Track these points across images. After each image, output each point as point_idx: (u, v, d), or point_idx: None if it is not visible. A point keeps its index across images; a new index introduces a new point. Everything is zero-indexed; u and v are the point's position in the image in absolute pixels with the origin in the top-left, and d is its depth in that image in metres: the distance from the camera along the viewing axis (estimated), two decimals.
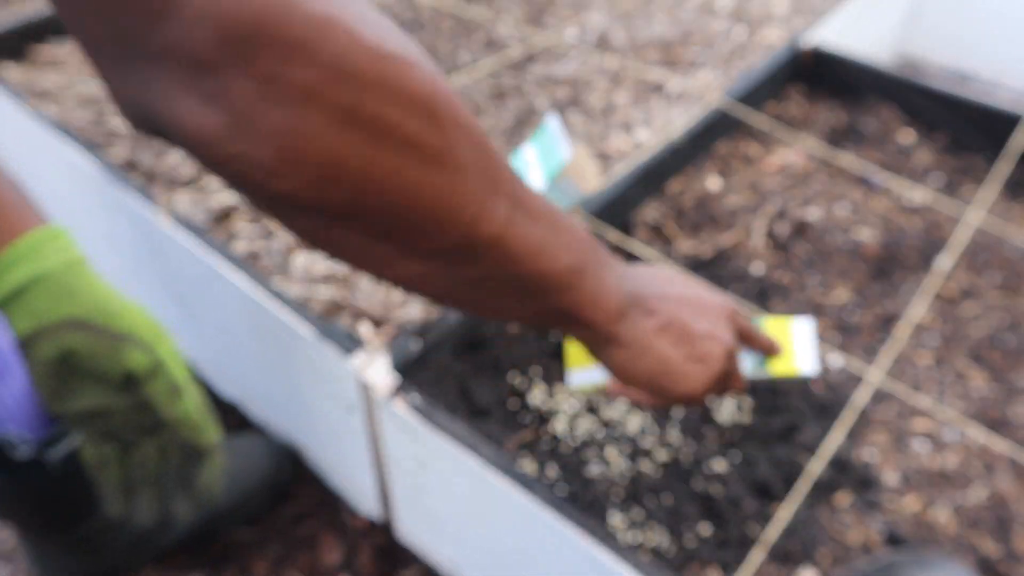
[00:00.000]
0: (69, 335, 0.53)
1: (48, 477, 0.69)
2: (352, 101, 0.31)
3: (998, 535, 0.79)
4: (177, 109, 0.30)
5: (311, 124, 0.31)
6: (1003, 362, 0.95)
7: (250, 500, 0.92)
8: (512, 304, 0.44)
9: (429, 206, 0.35)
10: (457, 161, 0.36)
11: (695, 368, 0.54)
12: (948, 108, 1.26)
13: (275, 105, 0.30)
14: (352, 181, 0.33)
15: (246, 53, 0.29)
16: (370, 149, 0.32)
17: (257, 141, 0.30)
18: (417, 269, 0.39)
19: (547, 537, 0.67)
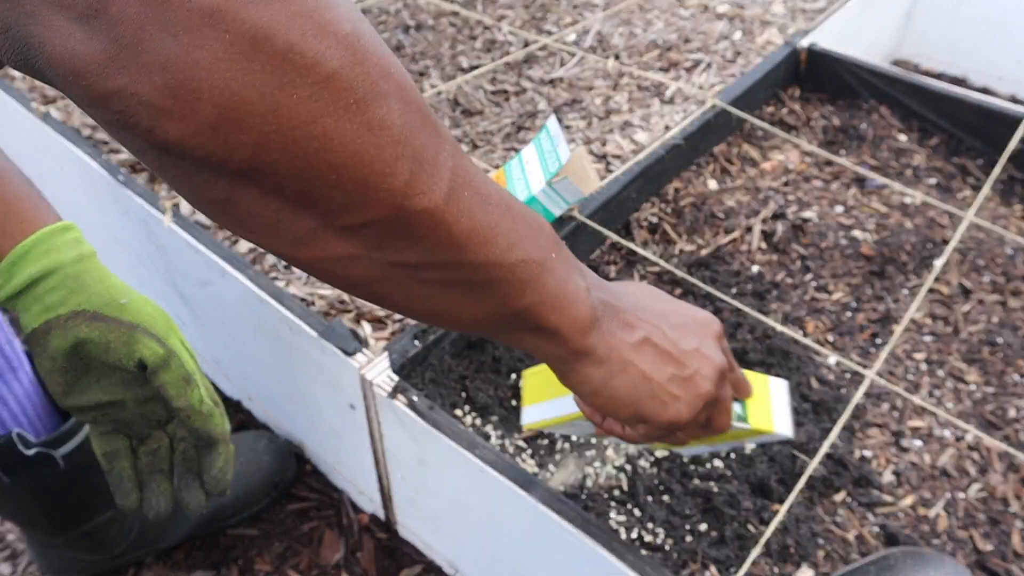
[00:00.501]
0: (81, 326, 0.53)
1: (55, 474, 0.70)
2: (261, 28, 0.27)
3: (993, 533, 0.80)
4: (46, 30, 0.25)
5: (210, 53, 0.26)
6: (998, 361, 0.96)
7: (253, 498, 0.93)
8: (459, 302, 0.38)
9: (351, 166, 0.30)
10: (384, 115, 0.31)
11: (683, 391, 0.46)
12: (943, 110, 1.27)
13: (167, 29, 0.25)
14: (257, 126, 0.28)
15: None
16: (280, 88, 0.28)
17: (143, 74, 0.26)
18: (340, 249, 0.33)
19: (547, 536, 0.67)
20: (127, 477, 0.60)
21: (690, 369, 0.46)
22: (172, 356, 0.56)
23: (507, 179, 0.92)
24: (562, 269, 0.41)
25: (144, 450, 0.60)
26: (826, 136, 1.30)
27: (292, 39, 0.27)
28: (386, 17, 1.50)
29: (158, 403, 0.58)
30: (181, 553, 0.92)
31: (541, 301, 0.40)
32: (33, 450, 0.66)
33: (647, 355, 0.45)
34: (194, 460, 0.61)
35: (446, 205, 0.34)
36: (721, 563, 0.75)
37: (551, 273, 0.40)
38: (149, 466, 0.60)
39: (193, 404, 0.57)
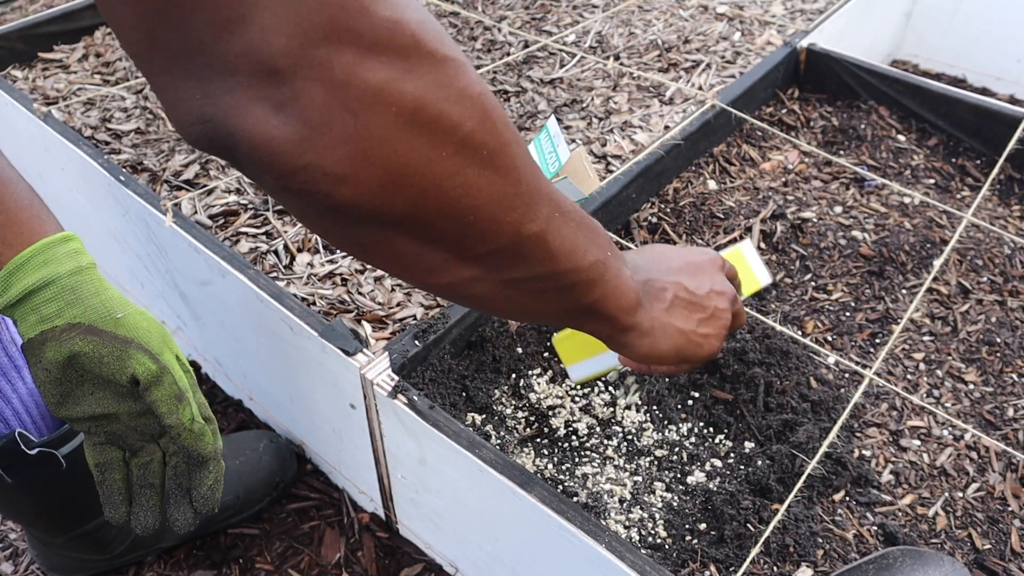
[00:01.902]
0: (75, 339, 0.53)
1: (57, 474, 0.70)
2: (418, 99, 0.32)
3: (991, 532, 0.80)
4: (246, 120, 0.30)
5: (380, 127, 0.31)
6: (996, 361, 0.96)
7: (253, 497, 0.93)
8: (547, 303, 0.46)
9: (484, 207, 0.37)
10: (508, 160, 0.37)
11: (710, 328, 0.58)
12: (942, 111, 1.27)
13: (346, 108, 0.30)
14: (416, 184, 0.33)
15: (320, 59, 0.29)
16: (433, 150, 0.33)
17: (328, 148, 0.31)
18: (466, 274, 0.40)
19: (546, 535, 0.67)
20: (117, 490, 0.60)
21: (711, 308, 0.58)
22: (165, 373, 0.56)
23: None
24: (615, 263, 0.49)
25: (136, 462, 0.60)
26: (825, 136, 1.30)
27: (441, 106, 0.33)
28: None
29: (151, 417, 0.58)
30: (182, 552, 0.92)
31: (604, 294, 0.48)
32: (35, 450, 0.67)
33: (678, 312, 0.56)
34: (185, 476, 0.61)
35: (547, 227, 0.41)
36: (721, 562, 0.75)
37: (610, 269, 0.48)
38: (140, 479, 0.60)
39: (184, 422, 0.57)
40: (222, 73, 0.29)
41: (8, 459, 0.66)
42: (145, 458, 0.60)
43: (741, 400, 0.89)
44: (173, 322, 1.13)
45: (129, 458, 0.60)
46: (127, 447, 0.60)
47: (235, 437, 0.98)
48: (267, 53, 0.29)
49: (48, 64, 1.30)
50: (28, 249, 0.54)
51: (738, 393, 0.89)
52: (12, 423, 0.67)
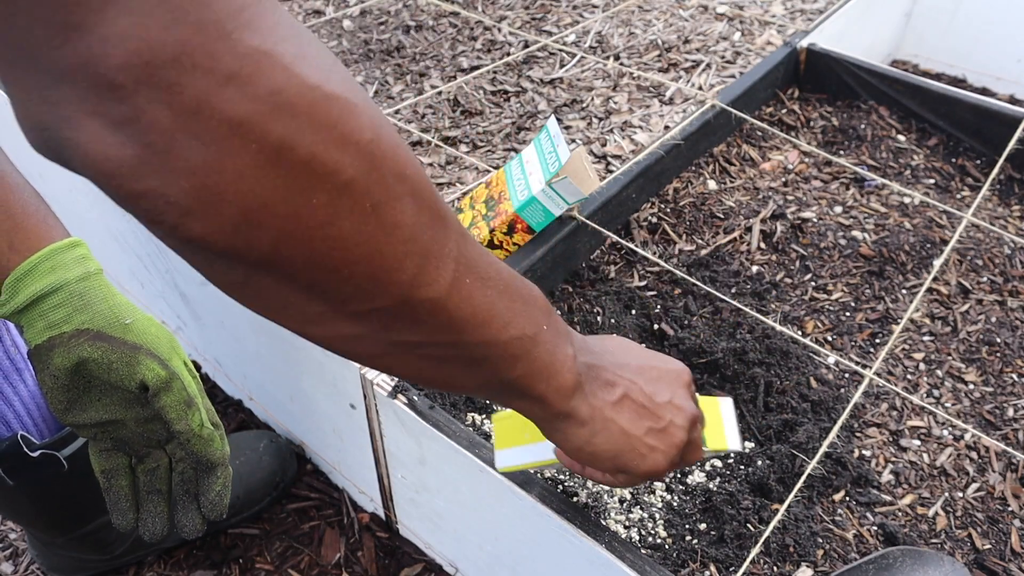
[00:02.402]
0: (84, 345, 0.53)
1: (59, 476, 0.70)
2: (285, 139, 0.28)
3: (991, 532, 0.80)
4: (81, 134, 0.27)
5: (236, 161, 0.28)
6: (996, 361, 0.96)
7: (253, 497, 0.93)
8: (454, 374, 0.41)
9: (363, 262, 0.32)
10: (397, 216, 0.33)
11: (659, 442, 0.51)
12: (942, 111, 1.27)
13: (195, 138, 0.27)
14: (278, 228, 0.30)
15: (168, 79, 0.26)
16: (301, 194, 0.29)
17: (171, 176, 0.27)
18: (348, 330, 0.36)
19: (546, 535, 0.68)
20: (124, 496, 0.59)
21: (665, 421, 0.51)
22: (174, 379, 0.56)
23: (507, 179, 0.93)
24: (551, 339, 0.44)
25: (143, 469, 0.60)
26: (825, 136, 1.30)
27: (315, 150, 0.29)
28: (386, 18, 1.50)
29: (159, 423, 0.58)
30: (182, 552, 0.92)
31: (530, 372, 0.43)
32: (38, 452, 0.67)
33: (626, 411, 0.49)
34: (192, 482, 0.60)
35: (448, 294, 0.36)
36: (720, 562, 0.75)
37: (541, 345, 0.43)
38: (147, 486, 0.60)
39: (193, 428, 0.57)
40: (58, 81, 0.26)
41: (10, 461, 0.66)
42: (152, 464, 0.60)
43: (741, 400, 0.89)
44: (173, 322, 1.13)
45: (135, 464, 0.60)
46: (133, 453, 0.59)
47: (235, 437, 0.98)
48: (106, 66, 0.26)
49: None
50: (35, 255, 0.53)
51: (738, 393, 0.89)
52: (14, 425, 0.67)
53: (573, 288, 0.98)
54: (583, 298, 0.96)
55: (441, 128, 1.19)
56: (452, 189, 1.06)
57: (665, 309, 0.98)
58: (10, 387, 0.66)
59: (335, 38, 1.43)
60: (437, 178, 1.08)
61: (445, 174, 1.09)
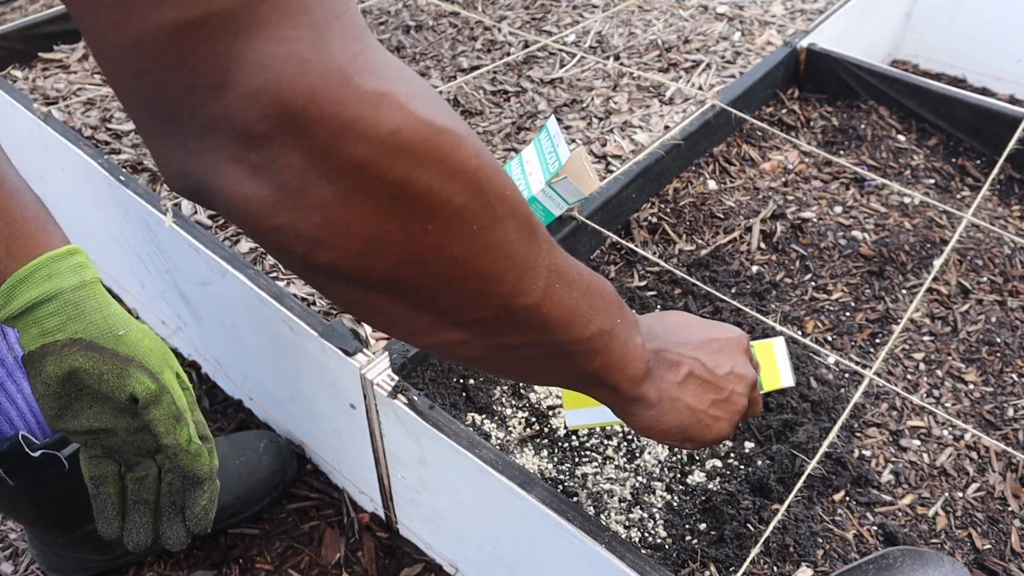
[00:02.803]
0: (76, 355, 0.53)
1: (59, 476, 0.71)
2: (404, 176, 0.31)
3: (991, 532, 0.80)
4: (223, 179, 0.30)
5: (361, 198, 0.31)
6: (996, 361, 0.96)
7: (253, 497, 0.93)
8: (542, 369, 0.45)
9: (472, 278, 0.36)
10: (500, 235, 0.36)
11: (722, 411, 0.54)
12: (942, 111, 1.27)
13: (324, 178, 0.30)
14: (397, 254, 0.33)
15: (299, 127, 0.29)
16: (418, 223, 0.33)
17: (303, 213, 0.31)
18: (453, 337, 0.39)
19: (546, 535, 0.68)
20: (111, 505, 0.60)
21: (727, 391, 0.55)
22: (164, 393, 0.56)
23: None
24: (624, 331, 0.47)
25: (131, 477, 0.60)
26: (825, 136, 1.30)
27: (431, 182, 0.32)
28: (386, 18, 1.50)
29: (148, 434, 0.58)
30: (182, 552, 0.92)
31: (607, 363, 0.46)
32: (38, 452, 0.67)
33: (691, 388, 0.53)
34: (179, 494, 0.60)
35: (542, 300, 0.40)
36: (720, 562, 0.75)
37: (616, 338, 0.46)
38: (134, 494, 0.60)
39: (181, 443, 0.57)
40: (201, 134, 0.29)
41: (11, 462, 0.67)
42: (140, 473, 0.60)
43: None
44: (173, 322, 1.13)
45: (125, 472, 0.60)
46: (123, 461, 0.59)
47: (235, 437, 0.98)
48: (245, 119, 0.29)
49: (48, 64, 1.30)
50: (33, 262, 0.53)
51: None
52: (16, 423, 0.67)
53: None
54: None
55: None
56: None
57: (665, 309, 0.98)
58: (13, 384, 0.66)
59: None
60: None
61: None
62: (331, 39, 0.29)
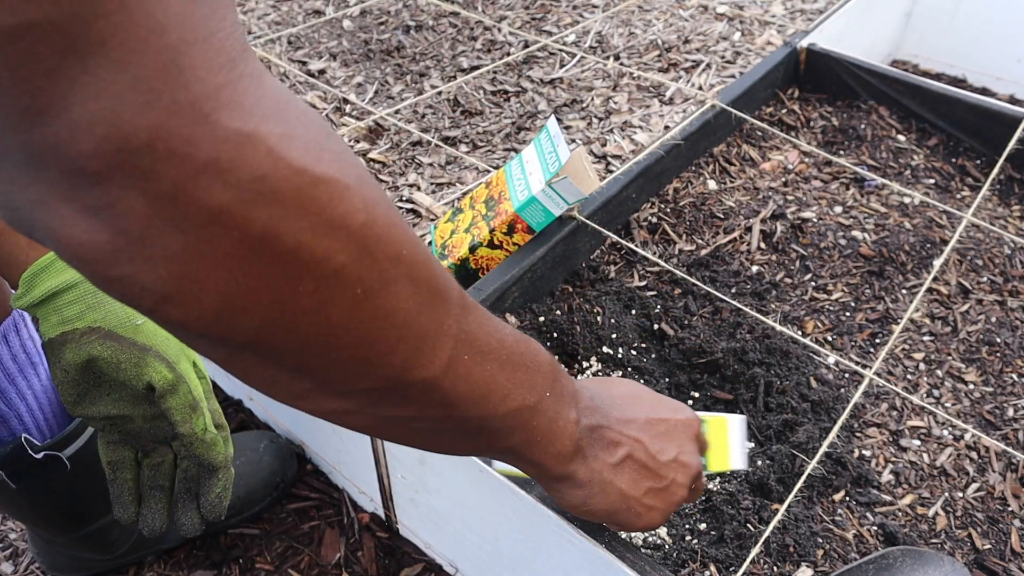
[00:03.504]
0: (95, 344, 0.54)
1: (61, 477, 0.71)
2: (269, 228, 0.27)
3: (991, 532, 0.80)
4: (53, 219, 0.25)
5: (216, 249, 0.26)
6: (996, 361, 0.96)
7: (253, 498, 0.93)
8: (447, 443, 0.40)
9: (352, 348, 0.31)
10: (391, 301, 0.31)
11: (658, 500, 0.50)
12: (942, 111, 1.27)
13: (173, 226, 0.25)
14: (261, 315, 0.28)
15: (141, 167, 0.24)
16: (287, 281, 0.28)
17: (147, 264, 0.26)
18: (335, 406, 0.35)
19: (546, 535, 0.68)
20: (128, 490, 0.60)
21: (667, 480, 0.50)
22: (180, 382, 0.56)
23: (507, 179, 0.93)
24: (553, 407, 0.43)
25: (148, 463, 0.60)
26: (825, 136, 1.30)
27: (302, 237, 0.27)
28: (386, 18, 1.50)
29: (165, 422, 0.58)
30: (182, 553, 0.92)
31: (527, 440, 0.42)
32: (41, 453, 0.67)
33: (627, 473, 0.49)
34: (195, 480, 0.61)
35: (444, 374, 0.35)
36: (720, 562, 0.75)
37: (541, 414, 0.42)
38: (151, 480, 0.60)
39: (196, 432, 0.58)
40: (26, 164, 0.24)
41: (13, 465, 0.67)
42: (157, 459, 0.60)
43: (741, 400, 0.89)
44: None
45: (141, 458, 0.61)
46: (140, 447, 0.60)
47: (235, 437, 0.98)
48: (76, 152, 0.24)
49: None
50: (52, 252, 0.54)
51: (738, 393, 0.89)
52: (26, 419, 0.67)
53: (573, 288, 0.98)
54: (583, 298, 0.96)
55: (441, 128, 1.19)
56: (452, 189, 1.06)
57: (665, 309, 0.98)
58: (24, 381, 0.67)
59: (335, 38, 1.43)
60: (437, 178, 1.08)
61: (445, 174, 1.09)
62: (190, 67, 0.25)
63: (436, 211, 1.01)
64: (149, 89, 0.24)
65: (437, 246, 0.93)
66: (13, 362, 0.66)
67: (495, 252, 0.89)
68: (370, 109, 1.22)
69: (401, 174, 1.08)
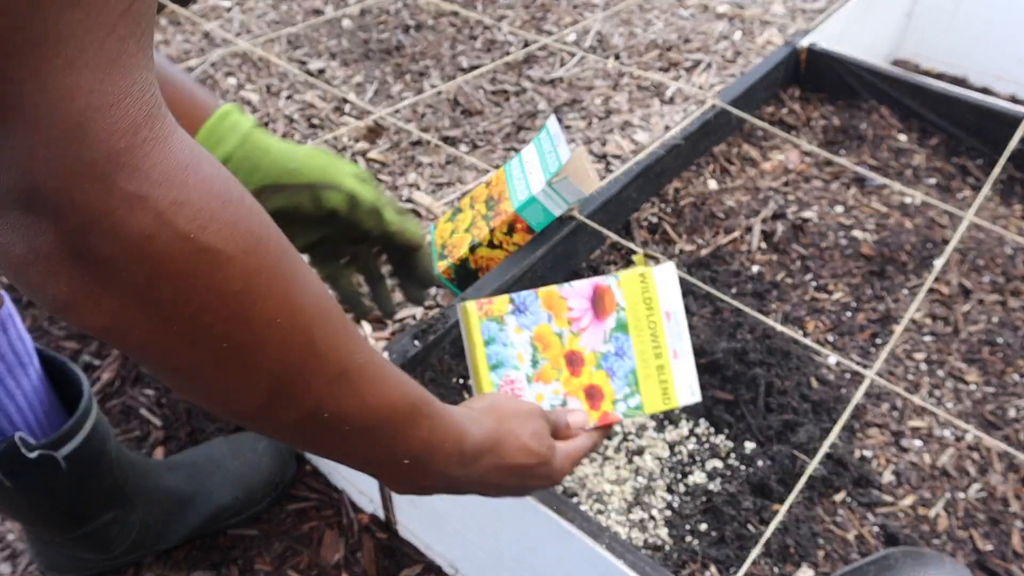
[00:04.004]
0: (271, 199, 0.60)
1: (57, 476, 0.70)
2: (150, 282, 0.30)
3: (993, 532, 0.80)
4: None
5: (107, 288, 0.30)
6: (998, 361, 0.96)
7: (253, 498, 0.93)
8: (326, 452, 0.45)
9: (219, 391, 0.36)
10: (255, 359, 0.35)
11: (532, 482, 0.55)
12: (943, 110, 1.27)
13: (75, 257, 0.29)
14: (143, 339, 0.32)
15: (50, 208, 0.28)
16: (162, 324, 0.32)
17: (52, 279, 0.30)
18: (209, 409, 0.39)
19: (546, 535, 0.67)
20: (351, 292, 0.71)
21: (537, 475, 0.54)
22: (354, 196, 0.64)
23: (507, 179, 0.92)
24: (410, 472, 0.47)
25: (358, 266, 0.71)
26: (826, 136, 1.30)
27: (177, 295, 0.32)
28: (386, 17, 1.50)
29: (357, 230, 0.66)
30: (181, 553, 0.92)
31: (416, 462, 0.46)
32: (35, 452, 0.66)
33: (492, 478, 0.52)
34: (403, 263, 0.72)
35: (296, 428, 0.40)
36: (721, 563, 0.75)
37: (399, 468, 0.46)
38: (368, 276, 0.71)
39: (387, 228, 0.66)
40: None
41: (8, 464, 0.66)
42: (363, 260, 0.70)
43: (742, 400, 0.88)
44: None
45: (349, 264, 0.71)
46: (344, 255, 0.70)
47: (235, 438, 0.98)
48: (1, 184, 0.28)
49: None
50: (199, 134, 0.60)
51: (739, 393, 0.89)
52: (16, 419, 0.67)
53: None
54: None
55: (441, 128, 1.19)
56: (452, 189, 1.05)
57: None
58: (13, 380, 0.66)
59: (335, 37, 1.43)
60: (437, 178, 1.08)
61: (445, 174, 1.08)
62: (93, 131, 0.28)
63: (436, 211, 1.01)
64: (55, 146, 0.27)
65: (437, 246, 0.93)
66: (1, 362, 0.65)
67: (495, 252, 0.89)
68: (370, 109, 1.22)
69: (401, 174, 1.08)
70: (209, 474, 0.92)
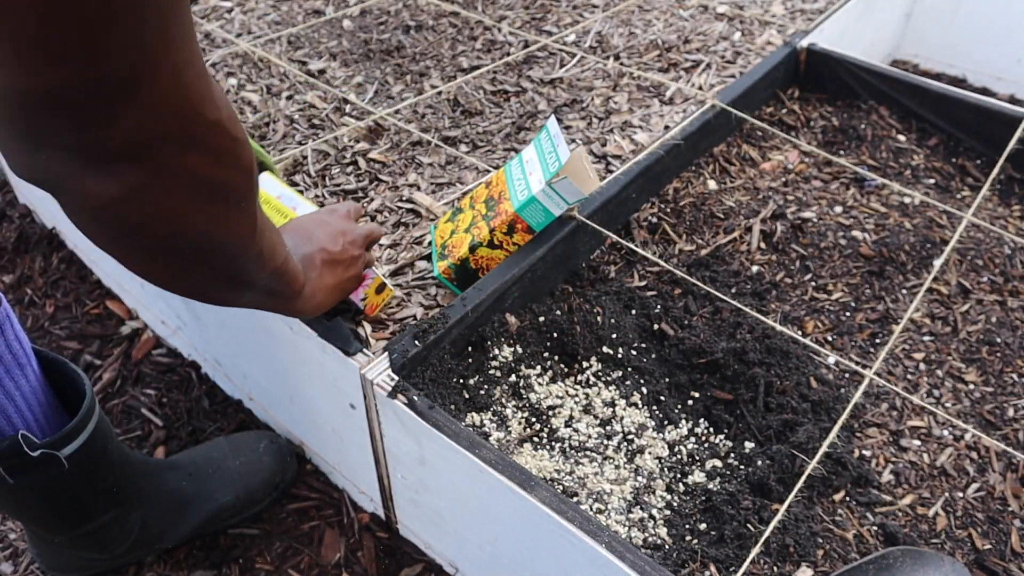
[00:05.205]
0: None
1: (59, 475, 0.70)
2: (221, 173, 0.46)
3: (991, 532, 0.80)
4: (78, 183, 0.41)
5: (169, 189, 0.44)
6: (996, 361, 0.96)
7: (253, 498, 0.93)
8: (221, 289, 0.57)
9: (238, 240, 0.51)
10: (252, 208, 0.51)
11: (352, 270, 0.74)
12: (942, 110, 1.27)
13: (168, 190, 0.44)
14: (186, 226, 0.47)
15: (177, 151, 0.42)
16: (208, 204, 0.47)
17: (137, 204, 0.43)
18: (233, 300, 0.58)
19: (546, 535, 0.68)
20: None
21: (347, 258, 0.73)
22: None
23: (507, 179, 0.93)
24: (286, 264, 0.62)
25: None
26: (825, 136, 1.30)
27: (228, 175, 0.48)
28: (386, 18, 1.50)
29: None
30: (182, 553, 0.92)
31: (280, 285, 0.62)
32: (38, 451, 0.67)
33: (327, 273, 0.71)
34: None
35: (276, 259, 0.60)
36: (721, 562, 0.75)
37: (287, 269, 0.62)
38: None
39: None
40: (63, 152, 0.40)
41: (11, 461, 0.66)
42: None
43: (741, 400, 0.89)
44: (173, 322, 1.13)
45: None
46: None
47: (235, 437, 0.98)
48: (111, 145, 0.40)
49: None
50: None
51: (738, 393, 0.89)
52: (15, 420, 0.67)
53: (573, 288, 0.98)
54: (583, 298, 0.95)
55: (441, 128, 1.19)
56: (452, 189, 1.06)
57: (665, 309, 0.98)
58: (11, 382, 0.66)
59: (335, 38, 1.43)
60: (437, 178, 1.08)
61: (445, 174, 1.08)
62: (215, 96, 0.44)
63: (436, 211, 1.01)
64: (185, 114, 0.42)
65: (437, 246, 0.93)
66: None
67: (495, 252, 0.89)
68: (370, 109, 1.22)
69: (401, 174, 1.08)
70: (210, 474, 0.92)
